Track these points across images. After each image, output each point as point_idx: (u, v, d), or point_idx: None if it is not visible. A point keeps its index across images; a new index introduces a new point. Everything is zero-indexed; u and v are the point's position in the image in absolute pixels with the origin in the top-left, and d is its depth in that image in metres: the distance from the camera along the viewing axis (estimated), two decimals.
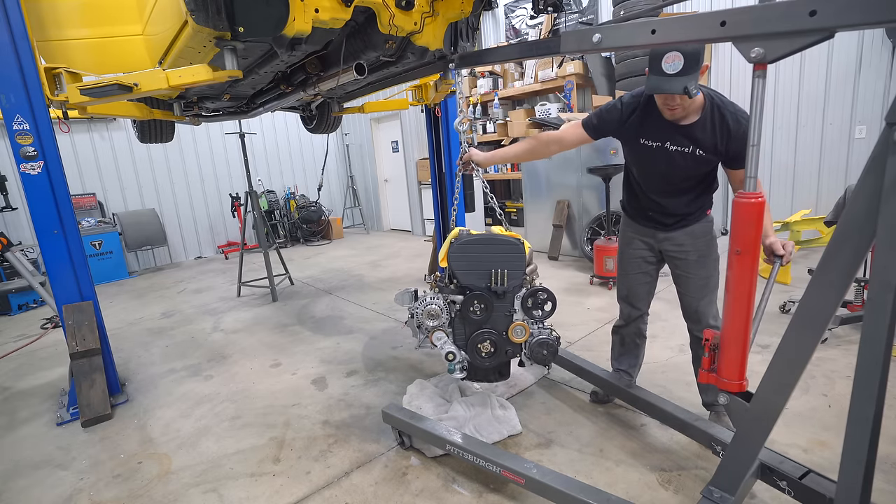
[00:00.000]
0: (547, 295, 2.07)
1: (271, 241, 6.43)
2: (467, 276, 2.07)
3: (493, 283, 2.04)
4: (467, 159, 2.31)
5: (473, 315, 2.06)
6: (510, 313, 2.11)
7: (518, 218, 7.97)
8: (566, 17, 6.67)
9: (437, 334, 2.11)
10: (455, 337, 2.15)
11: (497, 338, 2.08)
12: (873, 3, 0.98)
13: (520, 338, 2.08)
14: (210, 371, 3.35)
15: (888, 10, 0.97)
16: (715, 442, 1.90)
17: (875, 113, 4.80)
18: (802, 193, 5.43)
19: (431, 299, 2.09)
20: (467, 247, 2.05)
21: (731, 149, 1.81)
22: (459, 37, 2.74)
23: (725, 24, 1.21)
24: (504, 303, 2.09)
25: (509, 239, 2.07)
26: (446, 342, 2.12)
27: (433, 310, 2.07)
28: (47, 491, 2.18)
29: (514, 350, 2.12)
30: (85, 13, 2.84)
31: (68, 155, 6.63)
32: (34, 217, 2.64)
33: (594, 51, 1.58)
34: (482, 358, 2.10)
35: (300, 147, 9.13)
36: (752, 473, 1.61)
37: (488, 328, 2.09)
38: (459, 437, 2.01)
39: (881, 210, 1.09)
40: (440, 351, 2.10)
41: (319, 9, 1.98)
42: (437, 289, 2.18)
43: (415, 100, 4.43)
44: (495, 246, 2.05)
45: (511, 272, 2.04)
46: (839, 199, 2.97)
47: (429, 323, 2.09)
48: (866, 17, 1.00)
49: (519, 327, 2.08)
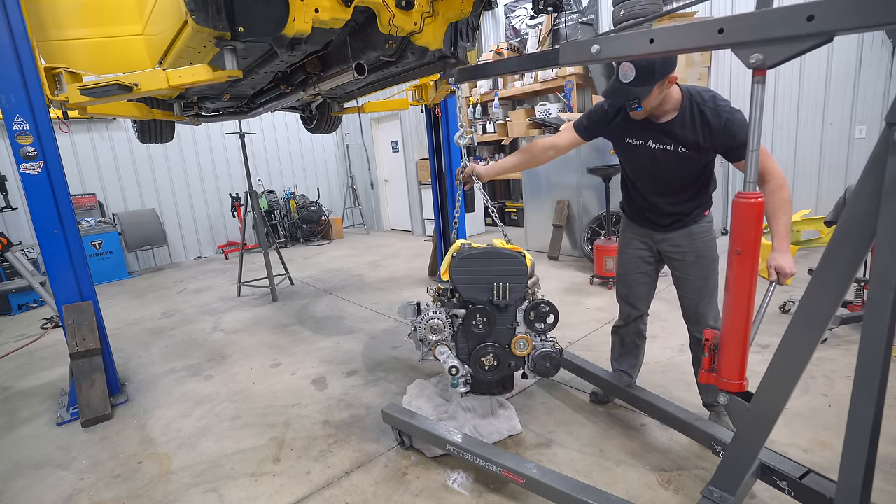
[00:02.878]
0: (549, 308, 2.07)
1: (271, 241, 6.43)
2: (469, 290, 2.08)
3: (495, 297, 2.05)
4: (469, 173, 2.30)
5: (476, 329, 2.07)
6: (512, 326, 2.12)
7: (518, 218, 7.98)
8: (566, 17, 6.67)
9: (440, 348, 2.11)
10: (458, 350, 2.16)
11: (500, 351, 2.09)
12: (870, 6, 0.98)
13: (523, 351, 2.09)
14: (210, 371, 3.35)
15: (886, 13, 0.96)
16: (715, 442, 1.90)
17: (875, 113, 4.80)
18: (802, 193, 5.43)
19: (434, 313, 2.10)
20: (469, 261, 2.06)
21: (717, 143, 1.81)
22: (459, 37, 2.74)
23: (723, 31, 1.21)
24: (506, 316, 2.10)
25: (511, 252, 2.08)
26: (449, 356, 2.12)
27: (436, 324, 2.08)
28: (47, 491, 2.18)
29: (516, 363, 2.13)
30: (85, 13, 2.84)
31: (68, 155, 6.63)
32: (34, 217, 2.64)
33: (593, 62, 1.58)
34: (485, 371, 2.10)
35: (300, 147, 9.13)
36: (752, 473, 1.61)
37: (491, 342, 2.10)
38: (459, 437, 2.01)
39: (881, 210, 1.09)
40: (443, 365, 2.10)
41: (319, 9, 1.98)
42: (439, 302, 2.18)
43: (415, 100, 4.42)
44: (497, 260, 2.06)
45: (513, 285, 2.05)
46: (839, 199, 2.97)
47: (431, 337, 2.10)
48: (864, 20, 1.00)
49: (522, 340, 2.08)
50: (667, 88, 1.79)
